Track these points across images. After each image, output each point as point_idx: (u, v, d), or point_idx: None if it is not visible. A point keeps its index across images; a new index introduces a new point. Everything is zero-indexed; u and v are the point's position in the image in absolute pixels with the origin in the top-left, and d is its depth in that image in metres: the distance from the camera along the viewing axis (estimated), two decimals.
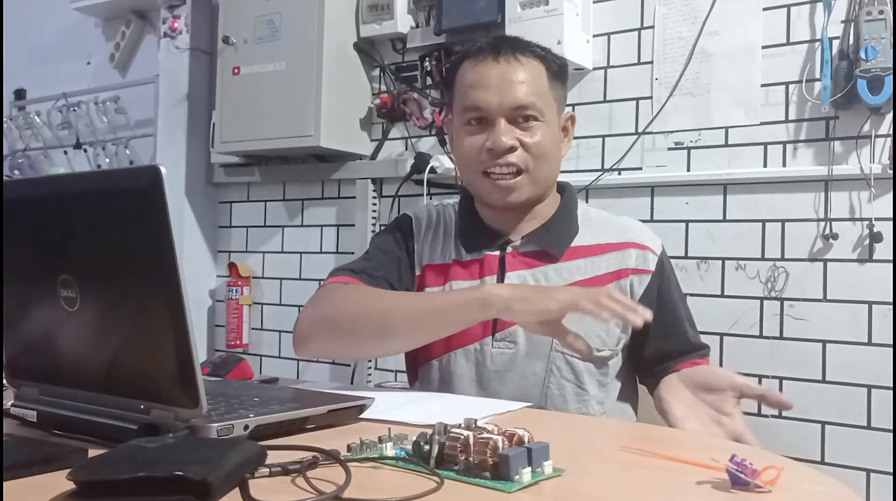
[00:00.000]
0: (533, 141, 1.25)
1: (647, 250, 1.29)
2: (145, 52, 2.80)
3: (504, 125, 1.24)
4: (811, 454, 1.67)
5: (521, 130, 1.25)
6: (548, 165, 1.29)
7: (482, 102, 1.25)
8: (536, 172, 1.27)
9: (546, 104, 1.27)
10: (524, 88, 1.24)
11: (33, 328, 0.87)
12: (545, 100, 1.27)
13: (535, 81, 1.26)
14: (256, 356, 2.51)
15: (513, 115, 1.24)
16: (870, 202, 1.64)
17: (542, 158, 1.26)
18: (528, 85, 1.25)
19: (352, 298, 1.23)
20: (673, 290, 1.31)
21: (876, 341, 1.63)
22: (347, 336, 1.21)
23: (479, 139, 1.26)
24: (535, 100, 1.25)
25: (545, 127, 1.26)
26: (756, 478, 0.66)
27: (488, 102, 1.24)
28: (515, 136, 1.24)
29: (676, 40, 1.87)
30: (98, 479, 0.60)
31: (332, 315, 1.22)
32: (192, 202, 2.57)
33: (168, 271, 0.71)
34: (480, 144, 1.25)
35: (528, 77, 1.25)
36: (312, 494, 0.63)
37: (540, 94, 1.26)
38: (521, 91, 1.24)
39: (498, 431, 0.71)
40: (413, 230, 1.38)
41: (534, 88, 1.25)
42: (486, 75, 1.25)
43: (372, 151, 2.31)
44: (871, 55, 1.58)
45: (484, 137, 1.25)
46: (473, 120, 1.27)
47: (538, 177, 1.27)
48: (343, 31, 2.23)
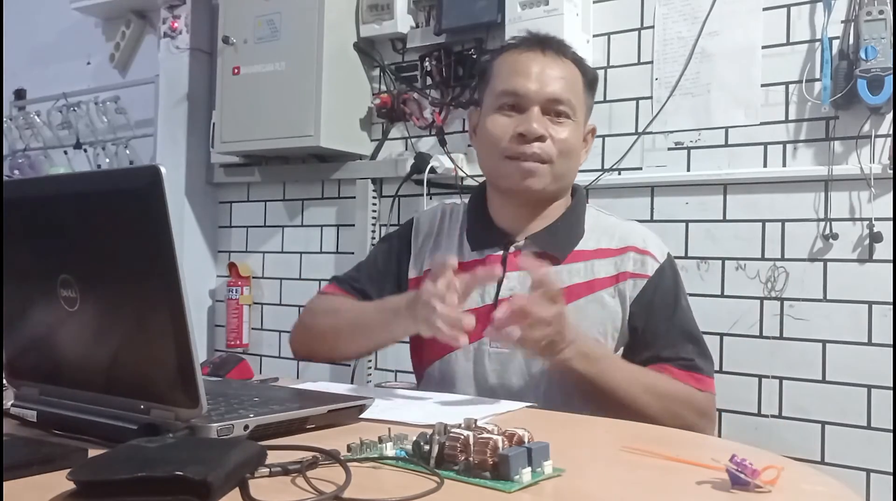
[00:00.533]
0: (561, 136, 1.27)
1: (646, 255, 1.28)
2: (145, 52, 2.80)
3: (537, 113, 1.27)
4: (811, 454, 1.67)
5: (552, 123, 1.27)
6: (570, 163, 1.31)
7: (521, 88, 1.27)
8: (559, 166, 1.28)
9: (578, 105, 1.31)
10: (563, 83, 1.28)
11: (33, 328, 0.87)
12: (579, 101, 1.31)
13: (573, 81, 1.30)
14: (256, 356, 2.51)
15: (547, 106, 1.27)
16: (870, 202, 1.64)
17: (567, 154, 1.29)
18: (567, 82, 1.29)
19: (321, 307, 1.37)
20: (670, 300, 1.26)
21: (876, 341, 1.63)
22: (316, 342, 1.35)
23: (511, 124, 1.27)
24: (570, 97, 1.29)
25: (574, 126, 1.29)
26: (756, 478, 0.66)
27: (527, 89, 1.27)
28: (546, 127, 1.27)
29: (676, 40, 1.87)
30: (98, 479, 0.60)
31: (306, 322, 1.38)
32: (192, 202, 2.57)
33: (168, 271, 0.71)
34: (511, 129, 1.27)
35: (568, 75, 1.30)
36: (312, 494, 0.63)
37: (575, 93, 1.30)
38: (559, 85, 1.28)
39: (498, 431, 0.71)
40: (411, 238, 1.41)
41: (571, 87, 1.30)
42: (529, 64, 1.29)
43: (372, 151, 2.31)
44: (871, 55, 1.58)
45: (515, 122, 1.27)
46: (508, 105, 1.29)
47: (559, 172, 1.29)
48: (343, 31, 2.23)
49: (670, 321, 1.25)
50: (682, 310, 1.28)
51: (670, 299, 1.27)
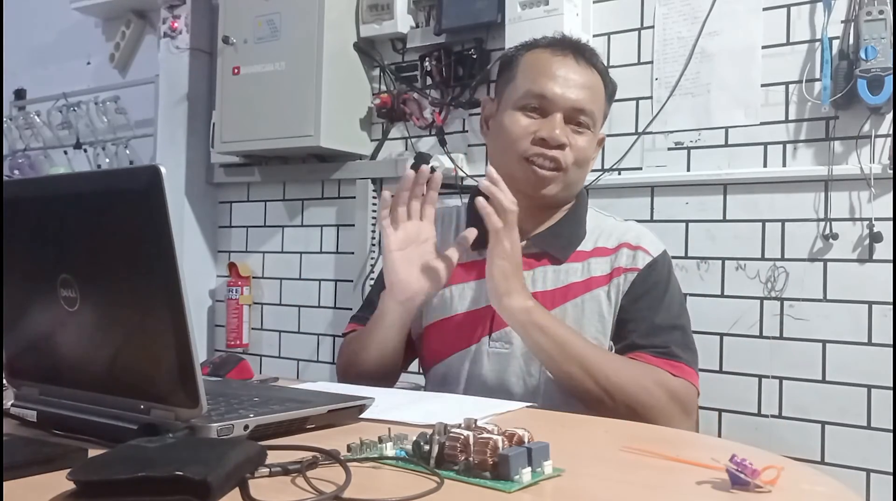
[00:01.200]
0: (579, 146, 1.27)
1: (639, 250, 1.27)
2: (145, 52, 2.80)
3: (560, 120, 1.26)
4: (811, 454, 1.67)
5: (572, 131, 1.27)
6: (582, 172, 1.32)
7: (549, 92, 1.26)
8: (573, 175, 1.28)
9: (598, 117, 1.31)
10: (589, 93, 1.28)
11: (33, 328, 0.87)
12: (600, 112, 1.31)
13: (597, 91, 1.31)
14: (256, 356, 2.52)
15: (571, 114, 1.27)
16: (870, 202, 1.64)
17: (581, 164, 1.29)
18: (592, 92, 1.29)
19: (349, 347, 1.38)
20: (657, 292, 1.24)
21: (876, 341, 1.63)
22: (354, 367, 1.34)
23: (532, 125, 1.27)
24: (594, 108, 1.29)
25: (591, 137, 1.30)
26: (756, 478, 0.66)
27: (555, 94, 1.26)
28: (567, 135, 1.27)
29: (676, 40, 1.87)
30: (98, 479, 0.60)
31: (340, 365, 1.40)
32: (192, 202, 2.57)
33: (168, 271, 0.71)
34: (533, 130, 1.26)
35: (595, 86, 1.30)
36: (312, 494, 0.63)
37: (598, 104, 1.31)
38: (586, 95, 1.28)
39: (498, 431, 0.71)
40: None
41: (596, 97, 1.30)
42: (560, 69, 1.28)
43: (372, 151, 2.31)
44: (871, 55, 1.58)
45: (537, 125, 1.27)
46: (531, 106, 1.28)
47: (572, 180, 1.29)
48: (343, 31, 2.23)
49: (654, 311, 1.22)
50: (669, 304, 1.24)
51: (658, 291, 1.24)
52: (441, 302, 1.33)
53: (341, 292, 2.36)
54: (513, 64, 1.34)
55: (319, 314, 2.41)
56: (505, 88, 1.34)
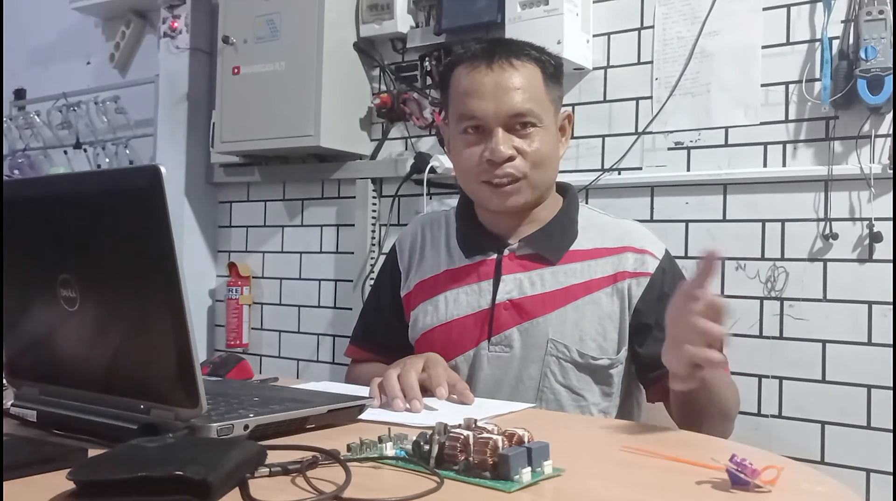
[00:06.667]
0: (531, 149, 1.24)
1: (645, 254, 1.28)
2: (145, 52, 2.80)
3: (502, 135, 1.22)
4: (811, 454, 1.67)
5: (518, 137, 1.23)
6: (546, 170, 1.28)
7: (478, 111, 1.23)
8: (535, 177, 1.26)
9: (543, 109, 1.25)
10: (520, 94, 1.22)
11: (33, 328, 0.87)
12: (542, 104, 1.25)
13: (531, 85, 1.24)
14: (256, 356, 2.51)
15: (510, 122, 1.23)
16: (870, 202, 1.64)
17: (541, 164, 1.26)
18: (524, 91, 1.23)
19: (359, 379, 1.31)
20: None
21: (876, 341, 1.63)
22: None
23: (478, 149, 1.24)
24: (531, 106, 1.23)
25: (543, 132, 1.25)
26: (756, 478, 0.66)
27: (484, 111, 1.22)
28: (513, 145, 1.23)
29: (676, 40, 1.86)
30: (98, 479, 0.60)
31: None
32: (192, 202, 2.57)
33: (168, 271, 0.71)
34: (479, 154, 1.24)
35: (524, 83, 1.23)
36: (312, 494, 0.63)
37: (537, 99, 1.25)
38: (517, 98, 1.22)
39: (498, 431, 0.71)
40: (398, 262, 1.42)
41: (530, 94, 1.24)
42: (480, 83, 1.23)
43: (372, 151, 2.31)
44: (871, 55, 1.58)
45: (482, 147, 1.24)
46: (470, 128, 1.25)
47: (537, 182, 1.27)
48: (343, 31, 2.23)
49: None
50: None
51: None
52: (435, 310, 1.33)
53: (341, 292, 2.36)
54: (445, 85, 1.32)
55: (319, 314, 2.41)
56: (446, 110, 1.33)
